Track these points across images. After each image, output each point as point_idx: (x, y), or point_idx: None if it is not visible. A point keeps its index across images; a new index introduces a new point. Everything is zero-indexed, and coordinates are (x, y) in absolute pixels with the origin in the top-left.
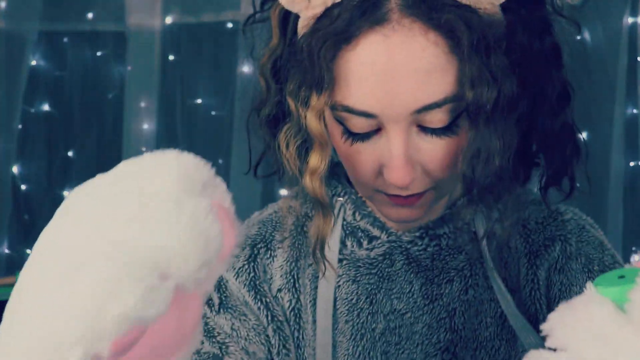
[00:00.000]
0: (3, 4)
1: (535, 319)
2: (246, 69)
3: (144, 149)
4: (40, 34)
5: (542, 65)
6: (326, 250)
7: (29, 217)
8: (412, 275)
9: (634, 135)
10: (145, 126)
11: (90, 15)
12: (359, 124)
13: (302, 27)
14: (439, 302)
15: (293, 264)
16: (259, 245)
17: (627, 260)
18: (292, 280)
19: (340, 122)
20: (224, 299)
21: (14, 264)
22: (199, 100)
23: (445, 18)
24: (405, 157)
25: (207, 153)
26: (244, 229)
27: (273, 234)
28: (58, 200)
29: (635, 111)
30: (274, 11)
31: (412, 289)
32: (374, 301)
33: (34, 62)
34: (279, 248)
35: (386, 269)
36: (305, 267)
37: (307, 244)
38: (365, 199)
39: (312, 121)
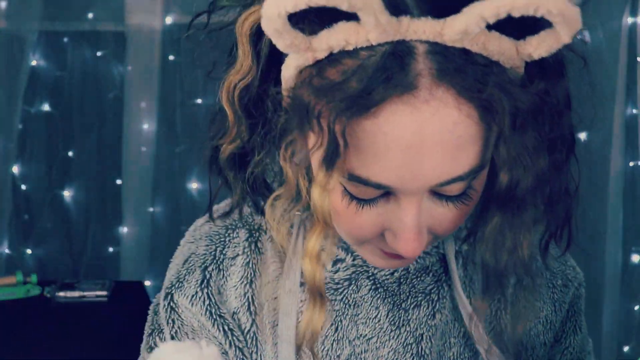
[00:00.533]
0: (3, 4)
1: (500, 339)
2: None
3: (144, 149)
4: (40, 34)
5: (555, 116)
6: (286, 270)
7: (29, 217)
8: (378, 301)
9: (634, 135)
10: (145, 126)
11: (90, 15)
12: (368, 193)
13: (295, 67)
14: (406, 328)
15: (247, 285)
16: (210, 268)
17: (626, 260)
18: (247, 303)
19: (343, 184)
20: (177, 330)
21: (14, 264)
22: (199, 100)
23: (488, 93)
24: (418, 228)
25: None
26: (189, 240)
27: (224, 251)
28: (58, 200)
29: (635, 111)
30: (241, 25)
31: (379, 315)
32: (339, 328)
33: (34, 62)
34: (231, 266)
35: (352, 295)
36: (261, 287)
37: (262, 261)
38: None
39: (319, 199)
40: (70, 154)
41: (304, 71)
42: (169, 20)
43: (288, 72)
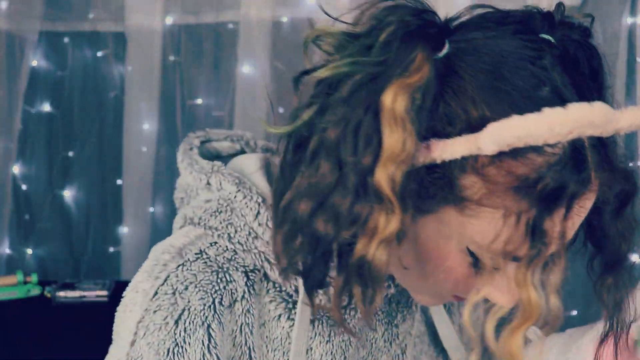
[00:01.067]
0: (3, 4)
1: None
2: (246, 69)
3: (144, 149)
4: (40, 34)
5: None
6: (299, 311)
7: (29, 217)
8: (377, 323)
9: (633, 135)
10: (146, 126)
11: (90, 15)
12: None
13: (462, 153)
14: (396, 342)
15: (249, 334)
16: (213, 325)
17: None
18: (247, 351)
19: (475, 256)
20: None
21: (14, 264)
22: (199, 101)
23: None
24: None
25: None
26: (167, 292)
27: (222, 301)
28: (58, 200)
29: None
30: (391, 103)
31: (376, 336)
32: (347, 356)
33: (34, 62)
34: (229, 314)
35: (357, 323)
36: (258, 329)
37: (258, 302)
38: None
39: (536, 298)
40: (70, 154)
41: (471, 157)
42: (169, 20)
43: (446, 154)
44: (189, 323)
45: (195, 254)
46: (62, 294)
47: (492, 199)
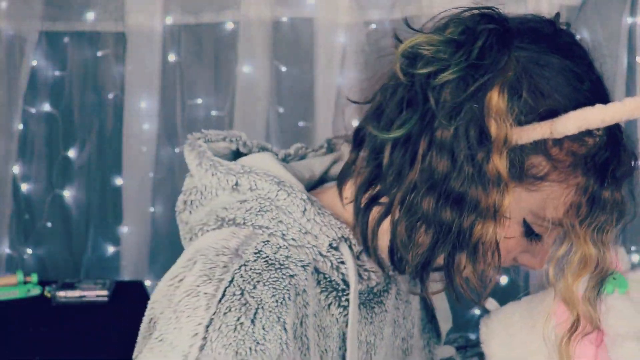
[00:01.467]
0: (3, 4)
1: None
2: (246, 69)
3: (144, 149)
4: (40, 34)
5: None
6: (352, 299)
7: (29, 217)
8: (399, 302)
9: (633, 135)
10: (146, 126)
11: (90, 15)
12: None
13: (535, 138)
14: (409, 317)
15: (307, 325)
16: (287, 320)
17: None
18: (307, 342)
19: (529, 226)
20: None
21: (14, 264)
22: (199, 101)
23: None
24: None
25: None
26: (235, 293)
27: (290, 296)
28: (58, 200)
29: None
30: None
31: (398, 314)
32: (383, 335)
33: (34, 62)
34: (293, 308)
35: (388, 302)
36: (310, 318)
37: (308, 293)
38: (370, 239)
39: (595, 252)
40: (70, 154)
41: (540, 141)
42: (169, 20)
43: (522, 140)
44: (266, 320)
45: (254, 253)
46: (62, 293)
47: (555, 174)
